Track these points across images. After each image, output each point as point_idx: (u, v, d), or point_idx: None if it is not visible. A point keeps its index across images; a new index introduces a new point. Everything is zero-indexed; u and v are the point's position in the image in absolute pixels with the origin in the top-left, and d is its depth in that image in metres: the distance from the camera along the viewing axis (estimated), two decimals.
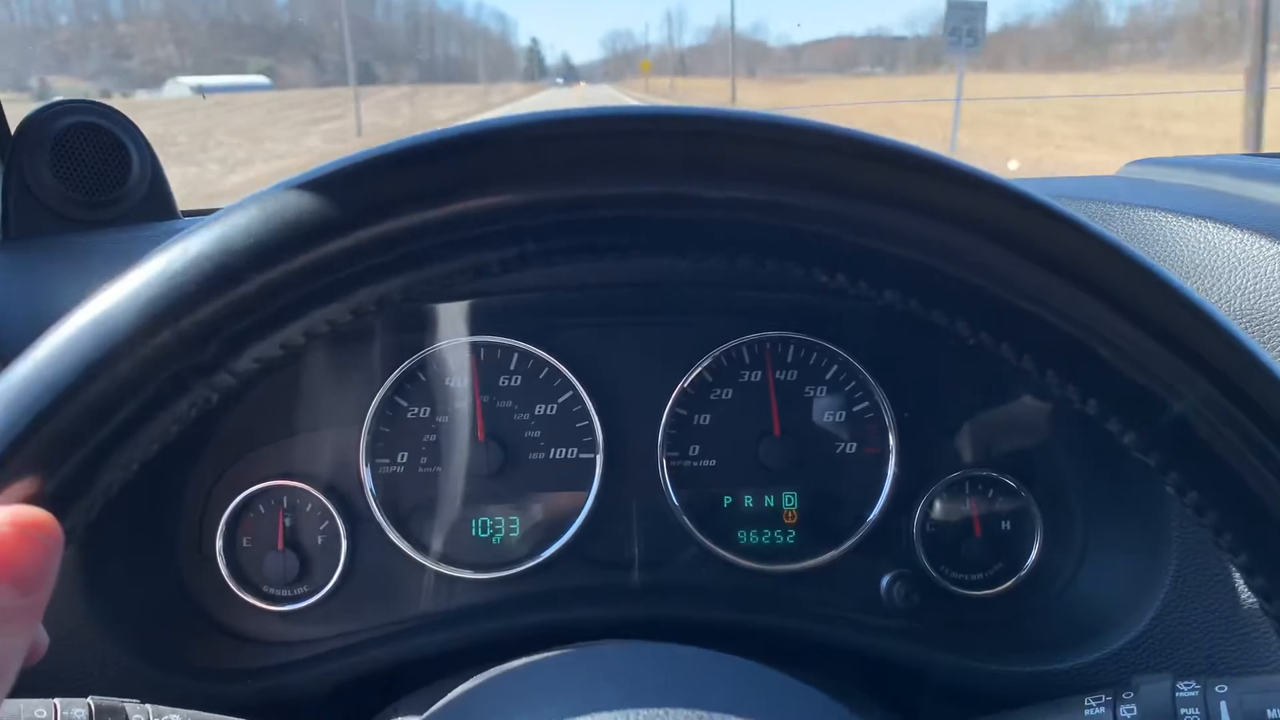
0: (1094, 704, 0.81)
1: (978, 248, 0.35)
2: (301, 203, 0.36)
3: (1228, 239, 0.93)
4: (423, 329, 1.08)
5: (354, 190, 0.36)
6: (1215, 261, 0.92)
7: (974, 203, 0.35)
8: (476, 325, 1.08)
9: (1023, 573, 1.08)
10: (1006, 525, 1.09)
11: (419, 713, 0.75)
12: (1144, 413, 0.36)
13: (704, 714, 0.50)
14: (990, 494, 1.10)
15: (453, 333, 1.09)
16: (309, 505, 1.08)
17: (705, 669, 0.60)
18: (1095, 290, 0.35)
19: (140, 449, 0.38)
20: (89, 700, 0.76)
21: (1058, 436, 1.09)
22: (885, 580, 1.06)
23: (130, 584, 1.00)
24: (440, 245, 0.36)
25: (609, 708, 0.50)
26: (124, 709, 0.77)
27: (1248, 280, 0.89)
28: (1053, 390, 0.38)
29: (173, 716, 0.80)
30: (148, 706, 0.79)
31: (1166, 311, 0.35)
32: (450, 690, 0.74)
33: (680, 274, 1.00)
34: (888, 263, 0.36)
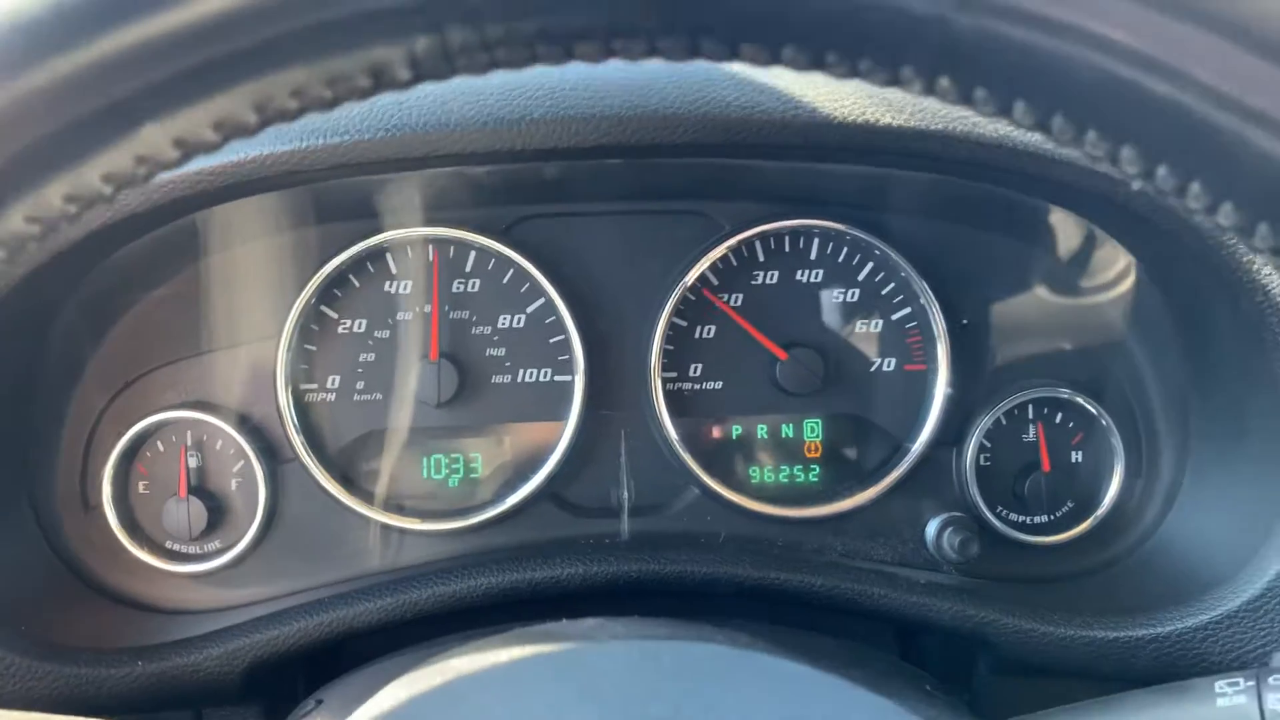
0: (1229, 689, 0.64)
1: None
2: None
3: None
4: (355, 219, 0.87)
5: None
6: None
7: None
8: (422, 214, 0.88)
9: (1100, 513, 0.90)
10: (1078, 456, 0.92)
11: (352, 703, 0.58)
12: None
13: None
14: (1059, 418, 0.91)
15: (393, 224, 0.88)
16: (219, 441, 0.89)
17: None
18: None
19: None
20: None
21: (1143, 345, 0.90)
22: (933, 526, 0.88)
23: None
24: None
25: None
26: None
27: None
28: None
29: None
30: None
31: None
32: (390, 676, 0.58)
33: (678, 144, 0.79)
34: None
